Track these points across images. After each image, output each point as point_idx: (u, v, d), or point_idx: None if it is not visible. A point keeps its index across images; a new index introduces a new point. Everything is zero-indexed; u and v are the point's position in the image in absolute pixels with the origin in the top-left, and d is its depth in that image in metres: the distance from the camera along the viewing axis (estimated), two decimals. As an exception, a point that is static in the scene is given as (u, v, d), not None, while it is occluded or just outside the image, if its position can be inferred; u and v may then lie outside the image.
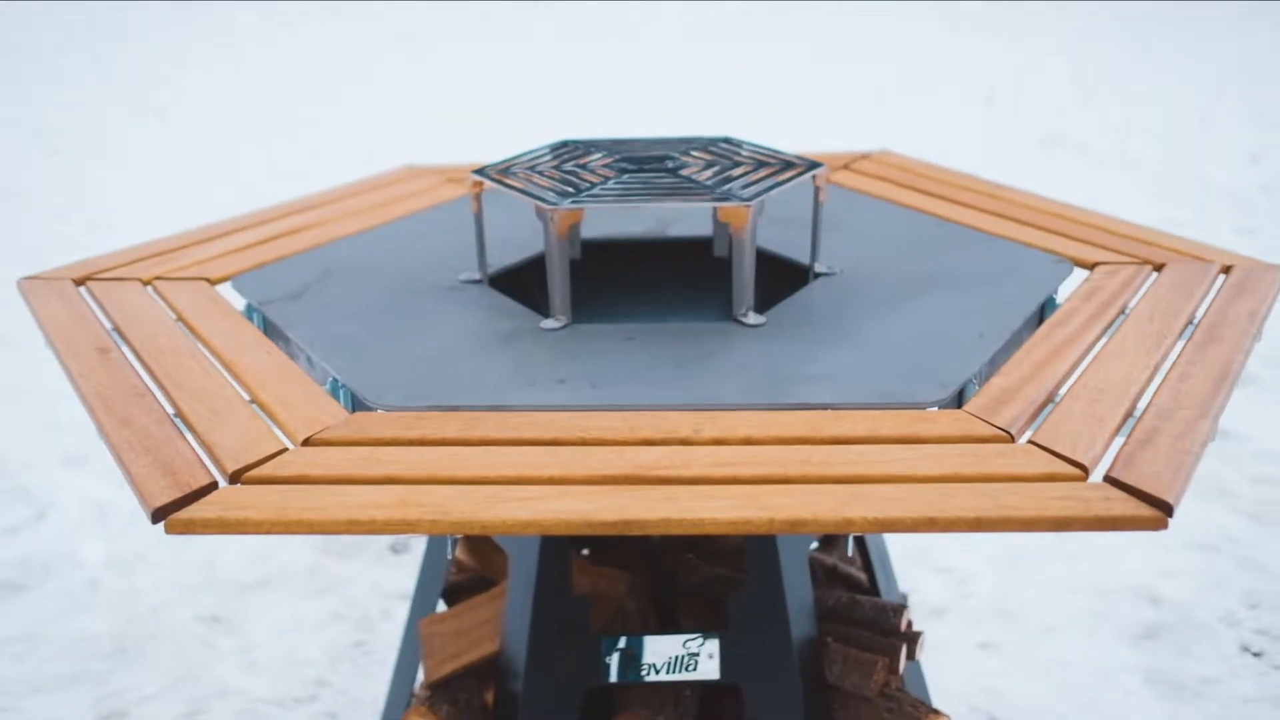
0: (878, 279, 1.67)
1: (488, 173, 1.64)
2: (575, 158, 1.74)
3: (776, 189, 1.55)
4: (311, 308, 1.60)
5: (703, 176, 1.62)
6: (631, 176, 1.63)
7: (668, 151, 1.74)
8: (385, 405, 1.31)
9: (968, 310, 1.55)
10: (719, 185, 1.56)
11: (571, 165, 1.70)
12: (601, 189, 1.57)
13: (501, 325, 1.53)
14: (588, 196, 1.54)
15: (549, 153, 1.77)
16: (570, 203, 1.51)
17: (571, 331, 1.51)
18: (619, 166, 1.68)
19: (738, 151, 1.75)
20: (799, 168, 1.64)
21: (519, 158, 1.72)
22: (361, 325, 1.53)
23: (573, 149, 1.79)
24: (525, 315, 1.57)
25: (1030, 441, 1.20)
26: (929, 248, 1.80)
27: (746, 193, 1.53)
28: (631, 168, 1.67)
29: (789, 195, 1.58)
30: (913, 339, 1.46)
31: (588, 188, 1.57)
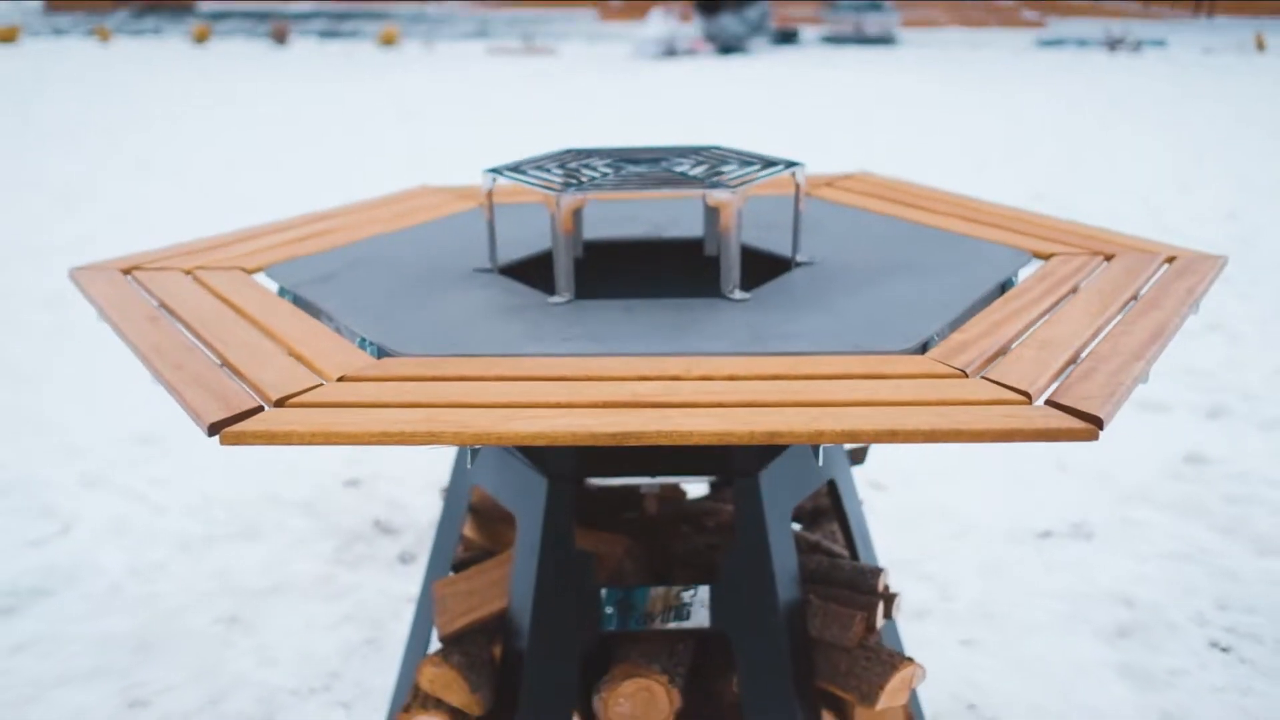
0: (853, 266, 1.84)
1: (500, 170, 1.81)
2: (578, 159, 1.91)
3: (761, 178, 1.73)
4: (339, 288, 1.77)
5: (694, 172, 1.79)
6: (629, 171, 1.80)
7: (662, 155, 1.92)
8: (409, 354, 1.46)
9: (934, 288, 1.71)
10: (709, 177, 1.74)
11: (575, 164, 1.87)
12: (602, 180, 1.74)
13: (512, 300, 1.70)
14: (590, 186, 1.71)
15: (554, 156, 1.94)
16: (574, 190, 1.68)
17: (575, 305, 1.67)
18: (617, 165, 1.85)
19: (726, 154, 1.93)
20: (780, 164, 1.81)
21: (528, 160, 1.90)
22: (385, 301, 1.70)
23: (576, 154, 1.96)
24: (533, 294, 1.73)
25: (982, 377, 1.35)
26: (901, 243, 1.97)
27: (733, 182, 1.70)
28: (629, 166, 1.84)
29: (773, 204, 1.76)
30: (883, 308, 1.63)
31: (590, 179, 1.74)
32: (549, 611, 1.72)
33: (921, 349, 1.49)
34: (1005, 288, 1.80)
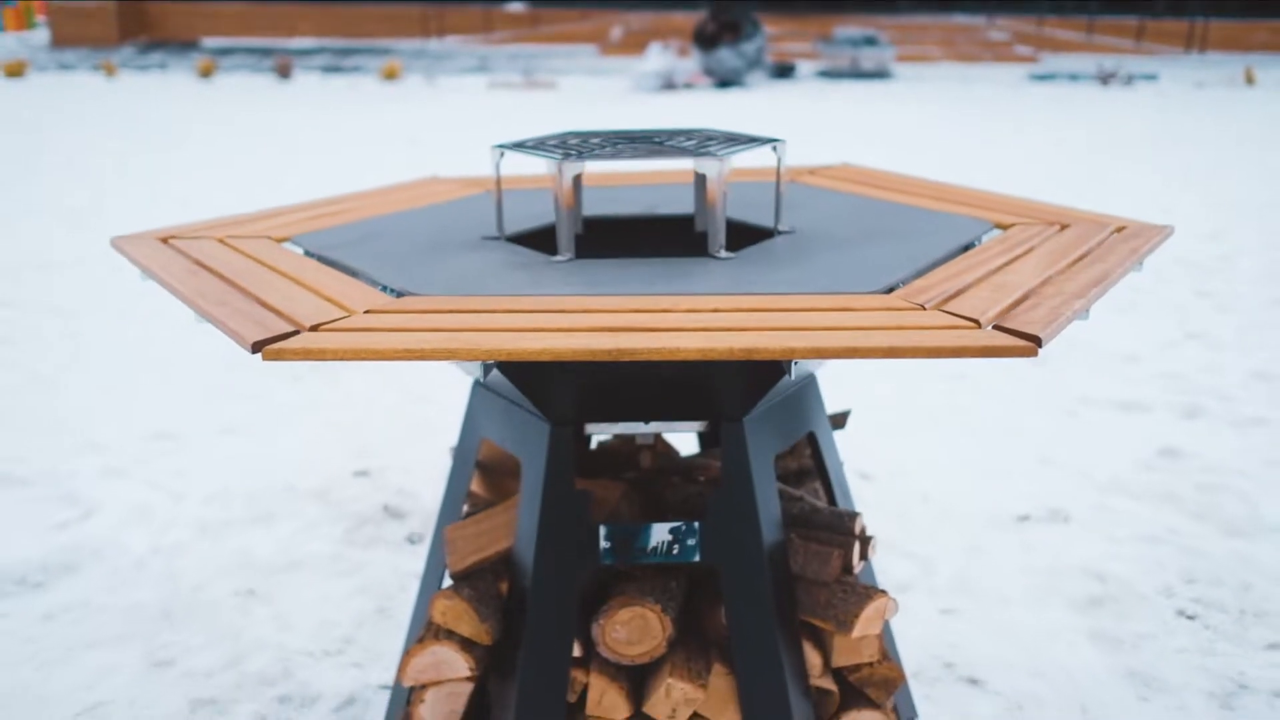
0: (831, 234, 2.01)
1: (507, 146, 1.99)
2: (579, 137, 2.09)
3: (745, 149, 1.90)
4: (361, 252, 1.94)
5: (685, 146, 1.97)
6: (625, 145, 1.98)
7: (655, 134, 2.10)
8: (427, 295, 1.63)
9: (903, 250, 1.88)
10: (698, 149, 1.91)
11: (575, 141, 2.05)
12: (600, 151, 1.92)
13: (518, 259, 1.87)
14: (589, 155, 1.88)
15: (556, 136, 2.12)
16: (575, 158, 1.86)
17: (576, 263, 1.84)
18: (614, 140, 2.03)
19: (713, 133, 2.10)
20: (762, 140, 1.99)
21: (532, 139, 2.07)
22: (403, 260, 1.87)
23: (576, 134, 2.14)
24: (538, 256, 1.90)
25: (937, 309, 1.52)
26: (876, 216, 2.15)
27: (720, 152, 1.88)
28: (625, 143, 2.02)
29: (759, 189, 1.93)
30: (855, 264, 1.79)
31: (589, 150, 1.92)
32: (552, 546, 1.88)
33: (887, 292, 1.66)
34: (968, 247, 1.97)
